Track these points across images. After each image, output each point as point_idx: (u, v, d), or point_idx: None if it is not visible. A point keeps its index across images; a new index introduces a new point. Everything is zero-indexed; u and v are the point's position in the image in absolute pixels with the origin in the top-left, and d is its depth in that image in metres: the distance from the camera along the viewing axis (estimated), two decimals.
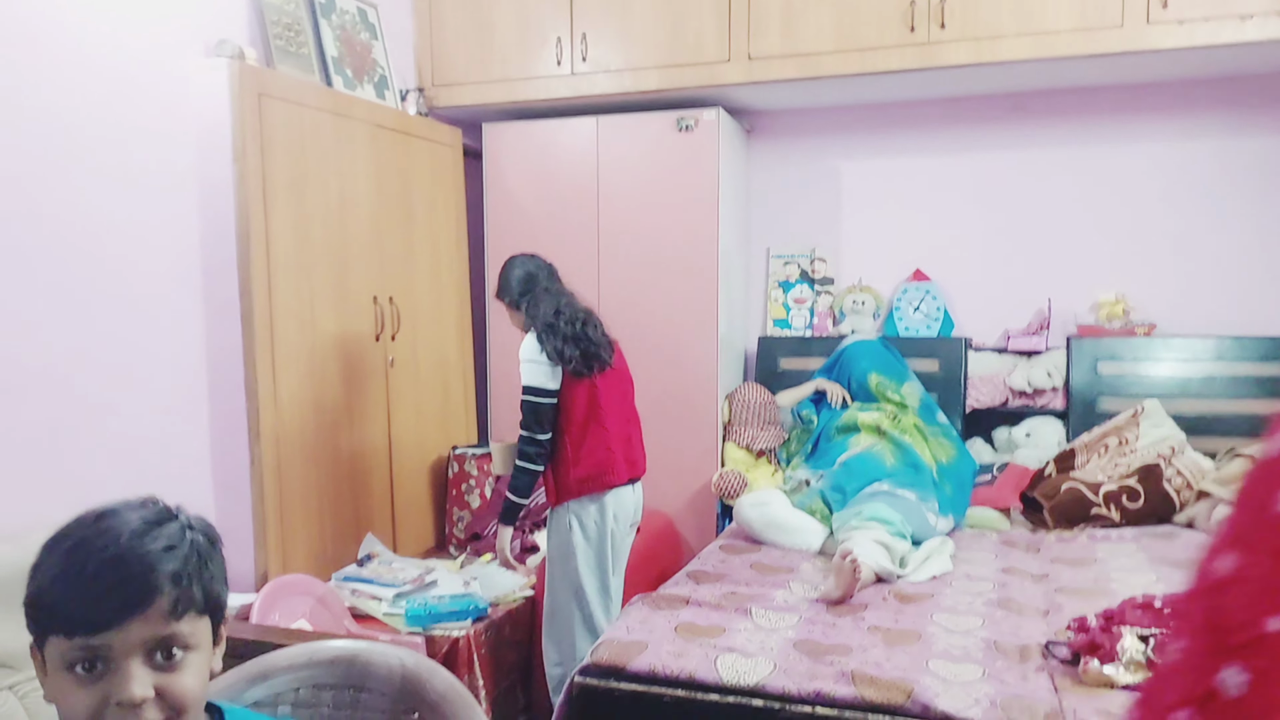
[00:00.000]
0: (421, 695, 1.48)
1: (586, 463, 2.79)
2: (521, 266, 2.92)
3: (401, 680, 1.50)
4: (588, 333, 2.81)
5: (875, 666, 2.10)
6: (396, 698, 1.49)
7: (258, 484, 2.94)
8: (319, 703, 1.51)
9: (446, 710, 1.46)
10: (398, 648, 1.56)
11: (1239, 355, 3.74)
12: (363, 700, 1.51)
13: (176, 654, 0.98)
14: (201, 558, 1.02)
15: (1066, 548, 3.16)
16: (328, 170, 3.23)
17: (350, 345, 3.32)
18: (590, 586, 2.82)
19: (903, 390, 3.74)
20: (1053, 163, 4.05)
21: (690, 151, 3.86)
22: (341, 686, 1.52)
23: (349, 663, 1.53)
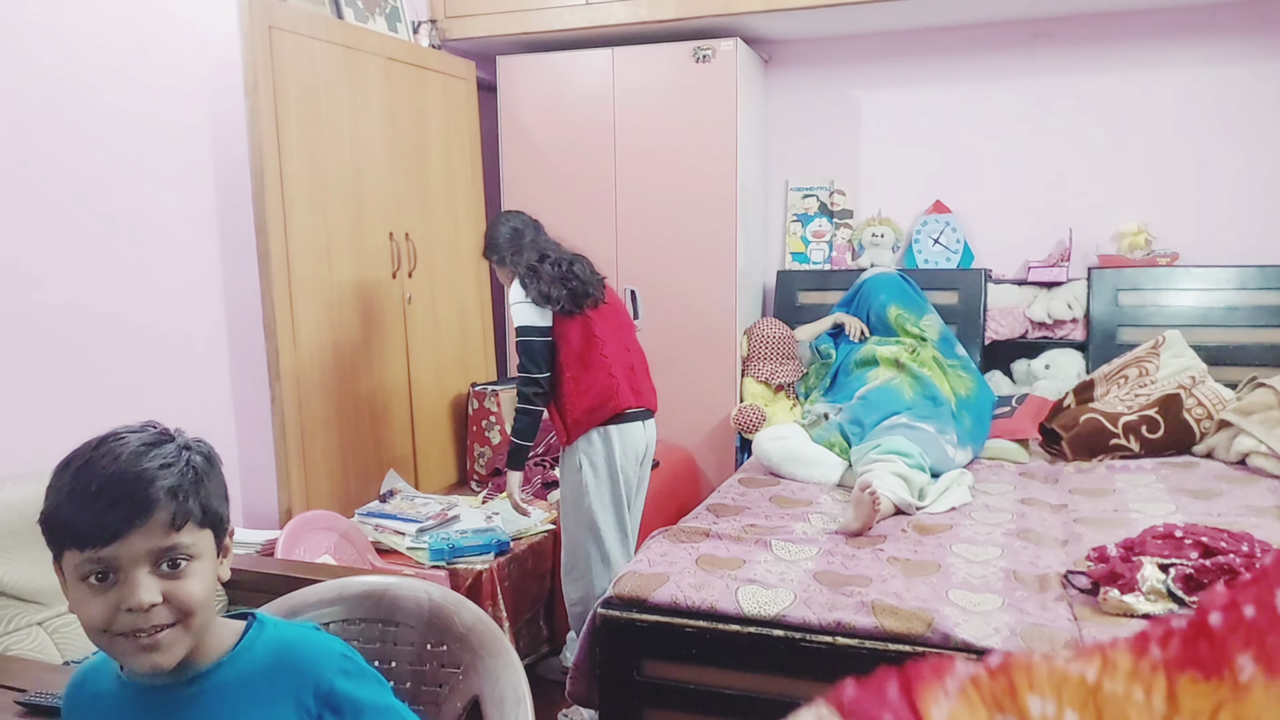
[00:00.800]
0: (449, 627, 1.50)
1: (590, 393, 2.77)
2: (507, 223, 2.92)
3: (430, 613, 1.52)
4: (575, 270, 2.80)
5: (895, 597, 2.12)
6: (425, 630, 1.52)
7: (279, 423, 2.96)
8: (348, 636, 1.54)
9: (474, 641, 1.49)
10: (425, 582, 1.58)
11: (1261, 284, 3.69)
12: (391, 634, 1.54)
13: (180, 563, 1.04)
14: (198, 474, 1.07)
15: (1085, 478, 3.17)
16: (340, 105, 3.19)
17: (368, 283, 3.32)
18: (605, 523, 2.82)
19: (922, 323, 3.72)
20: (1074, 91, 3.96)
21: (707, 83, 3.79)
22: (371, 620, 1.55)
23: (379, 598, 1.55)
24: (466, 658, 1.49)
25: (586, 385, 2.77)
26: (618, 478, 2.83)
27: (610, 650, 2.20)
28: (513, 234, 2.88)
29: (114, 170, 2.62)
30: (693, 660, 2.15)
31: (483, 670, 1.46)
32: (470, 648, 1.49)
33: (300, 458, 3.02)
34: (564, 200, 4.02)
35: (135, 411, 2.62)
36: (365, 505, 3.14)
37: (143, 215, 2.71)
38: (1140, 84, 3.89)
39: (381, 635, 1.54)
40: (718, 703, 2.14)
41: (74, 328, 2.51)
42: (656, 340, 3.97)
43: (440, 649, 1.51)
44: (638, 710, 2.20)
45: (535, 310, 2.75)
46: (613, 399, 2.79)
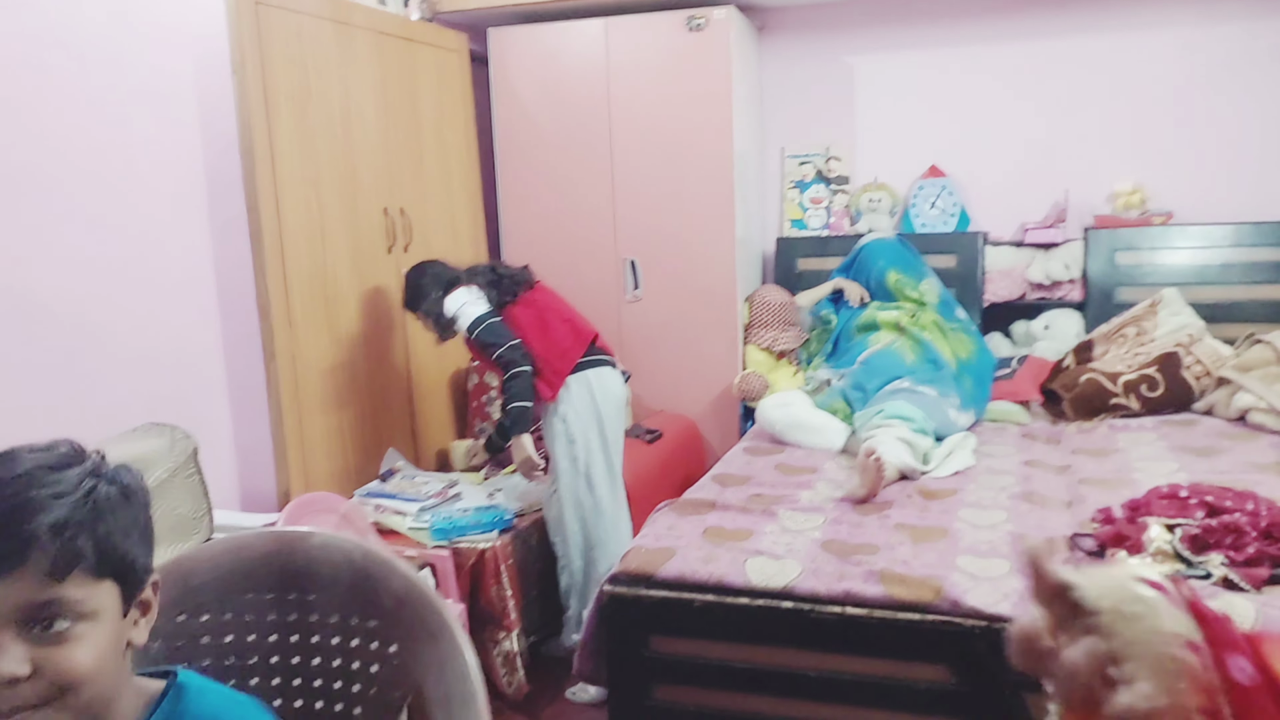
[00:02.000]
0: (376, 599, 1.24)
1: (559, 340, 2.95)
2: (425, 272, 3.04)
3: (350, 578, 1.24)
4: (497, 270, 3.02)
5: (903, 565, 2.12)
6: (346, 601, 1.25)
7: (275, 404, 2.94)
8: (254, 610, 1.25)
9: (408, 619, 1.21)
10: (344, 537, 1.29)
11: (1256, 241, 3.68)
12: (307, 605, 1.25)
13: (60, 624, 0.81)
14: (99, 508, 0.85)
15: (1087, 438, 3.17)
16: (330, 80, 3.14)
17: (363, 259, 3.28)
18: (597, 469, 2.95)
19: (921, 287, 3.71)
20: (1068, 52, 3.92)
21: (702, 51, 3.74)
22: (279, 590, 1.26)
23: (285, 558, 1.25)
24: (401, 638, 1.22)
25: (551, 336, 2.95)
26: (603, 422, 2.96)
27: (617, 627, 2.20)
28: (432, 279, 3.01)
29: (98, 150, 2.57)
30: (701, 635, 2.15)
31: (422, 656, 1.20)
32: (404, 626, 1.21)
33: (298, 438, 3.00)
34: (559, 172, 3.98)
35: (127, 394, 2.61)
36: (365, 485, 3.13)
37: (130, 195, 2.66)
38: (1132, 43, 3.85)
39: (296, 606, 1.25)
40: (727, 677, 2.14)
41: (63, 310, 2.48)
42: (657, 310, 3.95)
43: (369, 625, 1.23)
44: (646, 687, 2.20)
45: (474, 305, 2.91)
46: (580, 332, 2.99)
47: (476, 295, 2.93)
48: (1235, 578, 1.93)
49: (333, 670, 1.27)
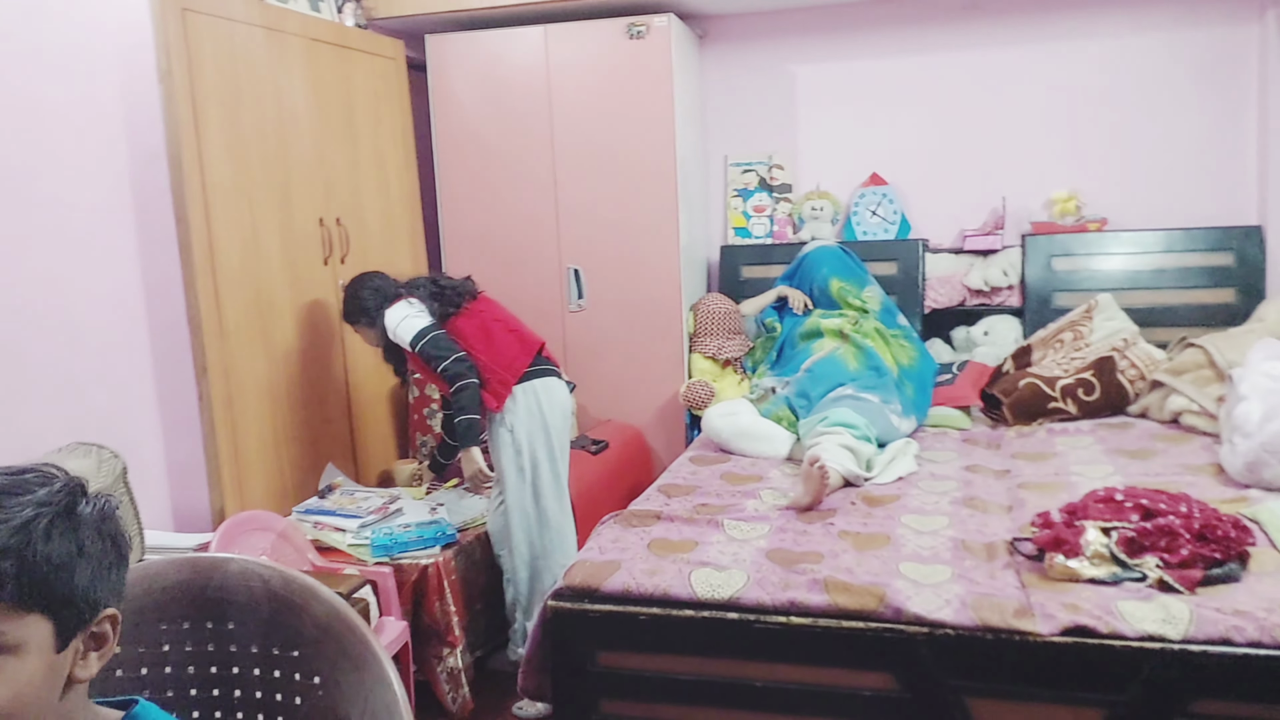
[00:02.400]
0: (297, 628, 1.19)
1: (505, 350, 2.93)
2: (366, 284, 3.00)
3: (269, 607, 1.20)
4: (439, 282, 2.99)
5: (847, 573, 2.12)
6: (265, 631, 1.20)
7: (208, 420, 2.86)
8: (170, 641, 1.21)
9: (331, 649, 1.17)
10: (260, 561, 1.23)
11: (1187, 246, 3.78)
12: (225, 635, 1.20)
13: None
14: (32, 538, 0.82)
15: (1026, 442, 3.21)
16: (263, 89, 3.07)
17: (299, 271, 3.21)
18: (545, 481, 2.93)
19: (863, 294, 3.73)
20: (1005, 61, 3.99)
21: (643, 59, 3.73)
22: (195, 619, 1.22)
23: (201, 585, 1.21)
24: (325, 669, 1.18)
25: (497, 347, 2.93)
26: (550, 433, 2.95)
27: (562, 643, 2.17)
28: (372, 292, 2.97)
29: (20, 158, 2.48)
30: (647, 648, 2.12)
31: (347, 687, 1.16)
32: (328, 656, 1.17)
33: (232, 455, 2.92)
34: (501, 180, 3.94)
35: (51, 413, 2.52)
36: (303, 502, 3.05)
37: (53, 207, 2.57)
38: (1067, 54, 3.93)
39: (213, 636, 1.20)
40: (673, 690, 2.12)
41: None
42: (602, 319, 3.93)
43: (291, 655, 1.19)
44: (592, 702, 2.17)
45: (415, 316, 2.87)
46: (526, 343, 2.98)
47: (418, 309, 2.89)
48: (1169, 580, 1.96)
49: (254, 702, 1.22)
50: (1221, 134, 3.83)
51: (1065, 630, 1.87)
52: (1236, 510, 2.33)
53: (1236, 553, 2.06)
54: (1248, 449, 2.55)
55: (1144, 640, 1.83)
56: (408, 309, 2.89)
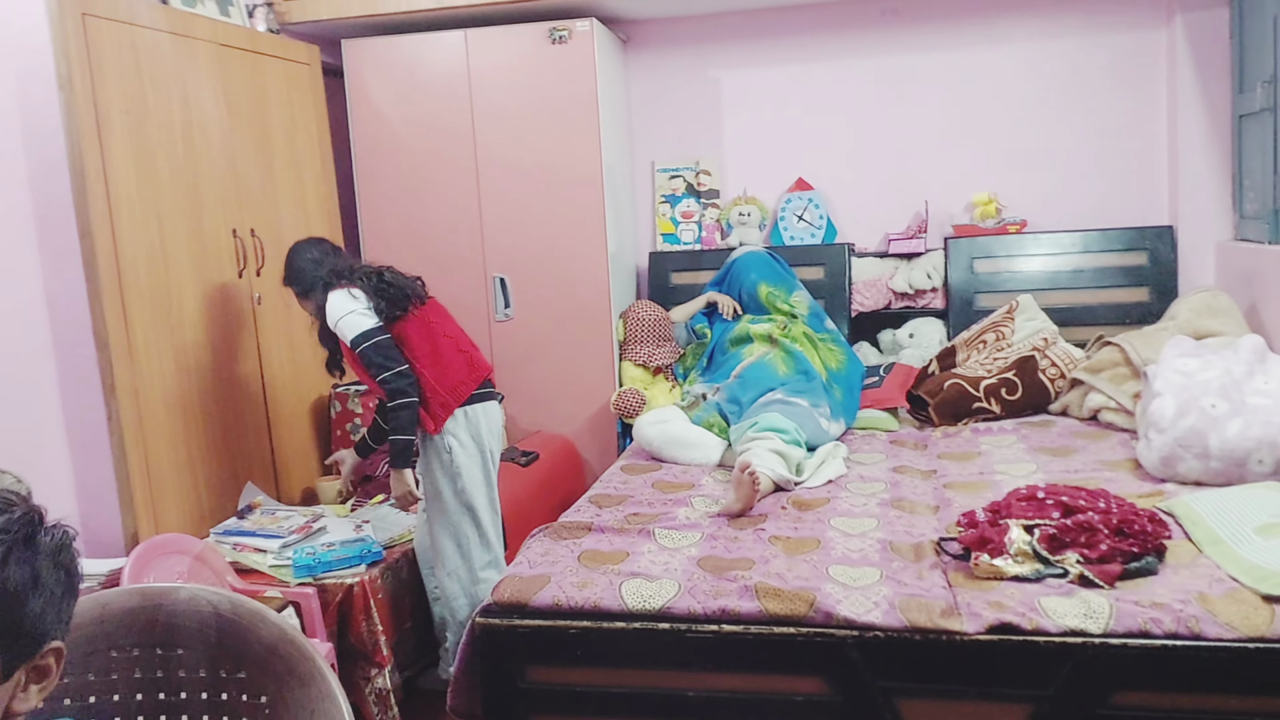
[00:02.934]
0: (245, 649, 1.23)
1: (451, 371, 2.81)
2: (306, 252, 2.86)
3: (217, 631, 1.24)
4: (386, 279, 2.80)
5: (777, 578, 2.11)
6: (213, 654, 1.24)
7: (117, 441, 2.74)
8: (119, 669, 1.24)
9: (279, 668, 1.22)
10: (211, 590, 1.28)
11: (1103, 246, 3.87)
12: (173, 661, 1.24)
13: None
14: None
15: (952, 442, 3.25)
16: (170, 96, 2.96)
17: (211, 284, 3.11)
18: (480, 503, 2.85)
19: (792, 299, 3.76)
20: (924, 66, 4.06)
21: (566, 64, 3.70)
22: (144, 647, 1.25)
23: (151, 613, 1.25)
24: (271, 687, 1.22)
25: (444, 365, 2.80)
26: (486, 455, 2.86)
27: (491, 659, 2.12)
28: (313, 263, 2.83)
29: None
30: (578, 662, 2.09)
31: (293, 703, 1.20)
32: (275, 675, 1.22)
33: (144, 477, 2.80)
34: (423, 188, 3.88)
35: None
36: (222, 523, 2.95)
37: None
38: (984, 58, 4.01)
39: (161, 663, 1.24)
40: (606, 703, 2.09)
41: None
42: (530, 328, 3.88)
43: (238, 676, 1.23)
44: (523, 718, 2.12)
45: (361, 314, 2.71)
46: (476, 367, 2.88)
47: (363, 305, 2.72)
48: (1090, 575, 1.99)
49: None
50: (1134, 136, 3.94)
51: (991, 628, 1.88)
52: (1153, 504, 2.39)
53: (1153, 546, 2.10)
54: (1162, 444, 2.61)
55: (1066, 635, 1.86)
56: (352, 303, 2.71)
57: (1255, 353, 2.77)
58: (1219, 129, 3.73)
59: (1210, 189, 3.78)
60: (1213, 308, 3.37)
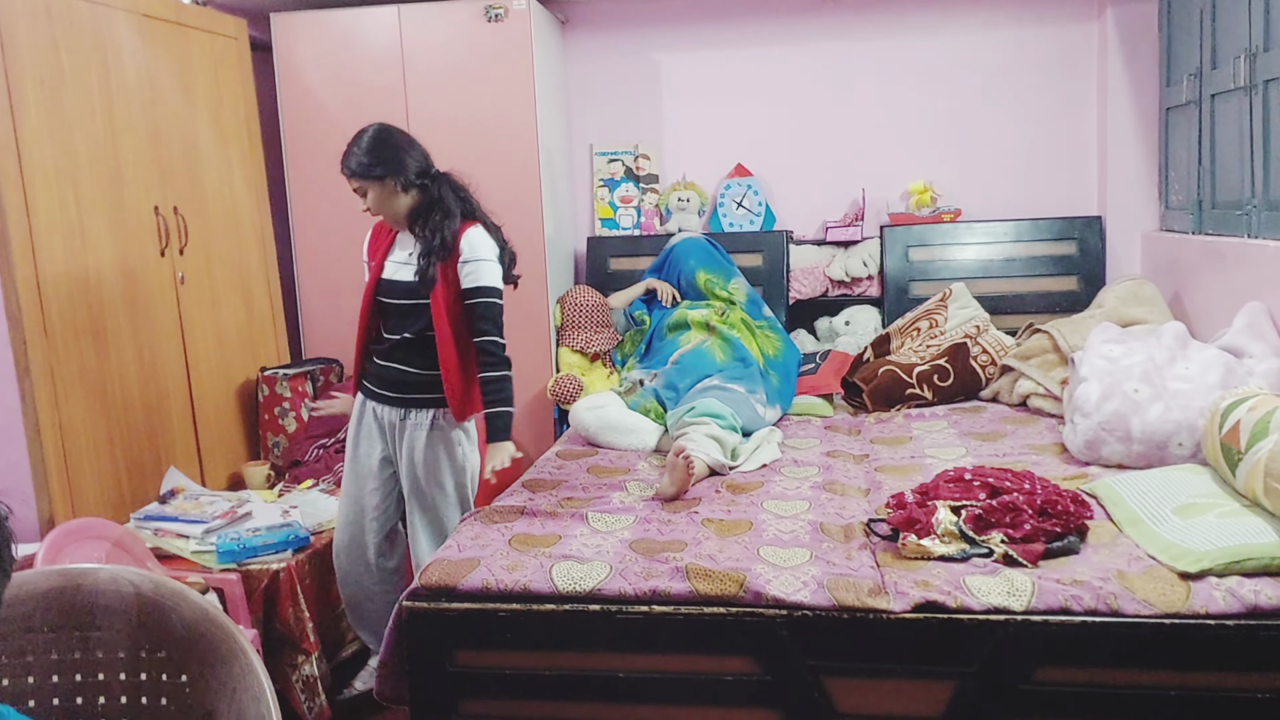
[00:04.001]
0: (166, 629, 1.24)
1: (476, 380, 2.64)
2: (417, 144, 2.59)
3: (138, 611, 1.25)
4: (506, 244, 2.65)
5: (709, 559, 2.11)
6: (134, 634, 1.24)
7: (31, 423, 2.64)
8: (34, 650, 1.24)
9: (201, 647, 1.22)
10: (131, 570, 1.29)
11: (1034, 236, 3.95)
12: (92, 642, 1.25)
13: None
14: None
15: (885, 428, 3.29)
16: (88, 68, 2.86)
17: (132, 263, 3.01)
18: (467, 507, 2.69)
19: (730, 286, 3.76)
20: (862, 55, 4.08)
21: (502, 43, 3.65)
22: (62, 628, 1.25)
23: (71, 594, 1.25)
24: (193, 666, 1.23)
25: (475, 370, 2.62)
26: (478, 462, 2.70)
27: (418, 644, 2.08)
28: (426, 156, 2.58)
29: None
30: (508, 645, 2.06)
31: (214, 681, 1.22)
32: (197, 653, 1.23)
33: (60, 461, 2.71)
34: None
35: None
36: (143, 509, 2.86)
37: None
38: (921, 49, 4.05)
39: (80, 644, 1.25)
40: (536, 686, 2.07)
41: None
42: None
43: (158, 656, 1.24)
44: (452, 703, 2.09)
45: (500, 272, 2.54)
46: None
47: (498, 258, 2.54)
48: (1014, 554, 2.02)
49: (119, 707, 1.25)
50: (1065, 128, 4.01)
51: (917, 606, 1.90)
52: (1077, 486, 2.44)
53: (1076, 526, 2.14)
54: (1087, 428, 2.66)
55: (990, 613, 1.88)
56: (493, 249, 2.53)
57: (1177, 339, 2.84)
58: (1147, 121, 3.82)
59: (1138, 180, 3.86)
60: (1138, 296, 3.45)
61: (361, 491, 2.69)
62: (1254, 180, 2.85)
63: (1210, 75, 3.18)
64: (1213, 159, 3.21)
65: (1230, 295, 2.94)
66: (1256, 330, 2.71)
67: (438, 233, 2.49)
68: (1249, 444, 2.11)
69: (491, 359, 2.53)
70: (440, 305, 2.51)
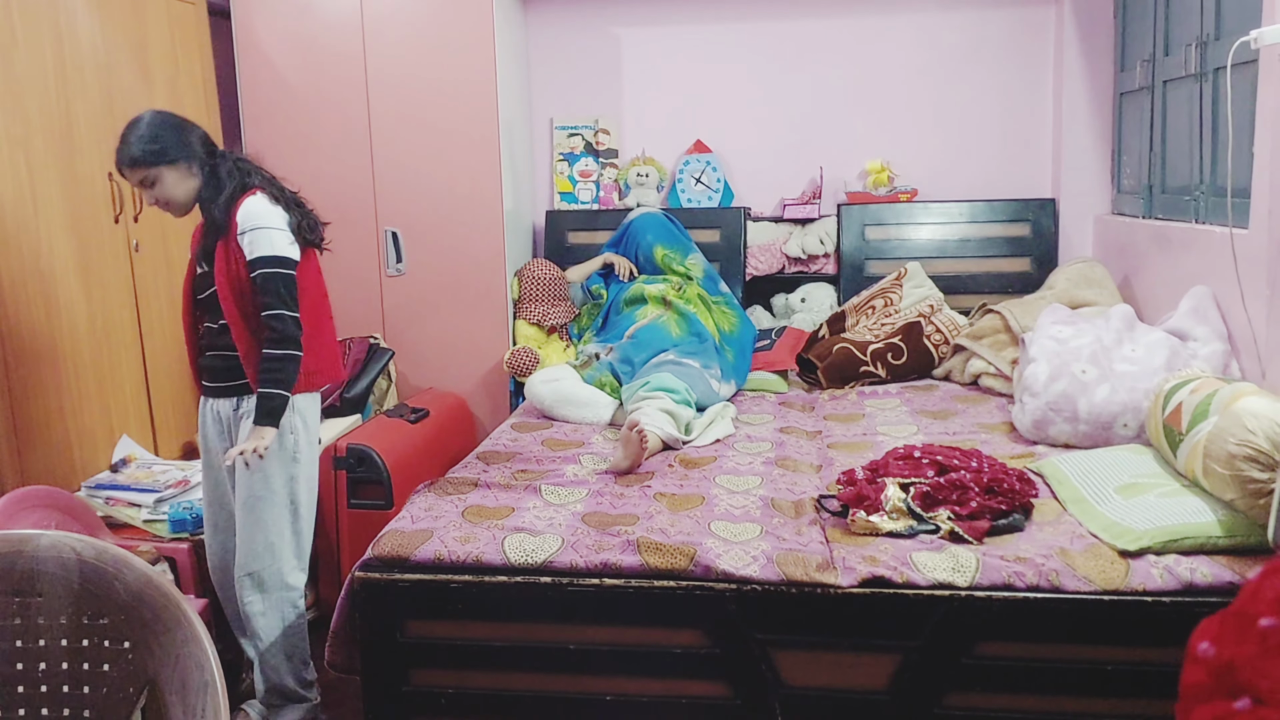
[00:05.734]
0: (109, 595, 1.24)
1: (319, 353, 2.43)
2: (194, 127, 2.36)
3: (80, 578, 1.24)
4: (301, 200, 2.45)
5: (660, 533, 2.14)
6: (76, 601, 1.24)
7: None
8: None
9: (145, 614, 1.23)
10: (73, 537, 1.28)
11: (989, 217, 4.00)
12: (33, 608, 1.24)
13: None
14: None
15: (838, 405, 3.33)
16: (41, 30, 2.79)
17: (84, 229, 2.96)
18: (305, 504, 2.43)
19: (687, 262, 3.78)
20: (821, 33, 4.10)
21: (463, 13, 3.62)
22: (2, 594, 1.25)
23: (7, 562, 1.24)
24: (135, 632, 1.24)
25: (323, 333, 2.45)
26: (316, 455, 2.49)
27: (370, 614, 2.10)
28: (207, 137, 2.38)
29: None
30: (458, 616, 2.08)
31: (157, 648, 1.23)
32: (140, 620, 1.23)
33: (9, 428, 2.67)
34: (314, 137, 3.76)
35: None
36: (94, 477, 2.84)
37: None
38: (880, 28, 4.07)
39: (20, 611, 1.24)
40: (486, 657, 2.09)
41: None
42: (422, 283, 3.82)
43: (100, 623, 1.24)
44: (402, 673, 2.11)
45: (283, 235, 2.30)
46: (333, 367, 2.51)
47: (285, 223, 2.32)
48: (959, 531, 2.07)
49: (61, 673, 1.26)
50: (1021, 110, 4.06)
51: (864, 581, 1.94)
52: (1024, 465, 2.49)
53: (1021, 504, 2.20)
54: (1035, 407, 2.72)
55: (935, 588, 1.93)
56: (276, 216, 2.30)
57: (1125, 321, 2.91)
58: (1101, 106, 3.87)
59: (1091, 164, 3.93)
60: (1089, 278, 3.52)
61: (225, 496, 2.48)
62: (1202, 166, 2.91)
63: (1163, 61, 3.23)
64: (1164, 144, 3.27)
65: (1177, 279, 3.01)
66: (1201, 314, 2.77)
67: (208, 208, 2.32)
68: (1189, 425, 2.17)
69: (273, 334, 2.27)
70: (224, 284, 2.29)
